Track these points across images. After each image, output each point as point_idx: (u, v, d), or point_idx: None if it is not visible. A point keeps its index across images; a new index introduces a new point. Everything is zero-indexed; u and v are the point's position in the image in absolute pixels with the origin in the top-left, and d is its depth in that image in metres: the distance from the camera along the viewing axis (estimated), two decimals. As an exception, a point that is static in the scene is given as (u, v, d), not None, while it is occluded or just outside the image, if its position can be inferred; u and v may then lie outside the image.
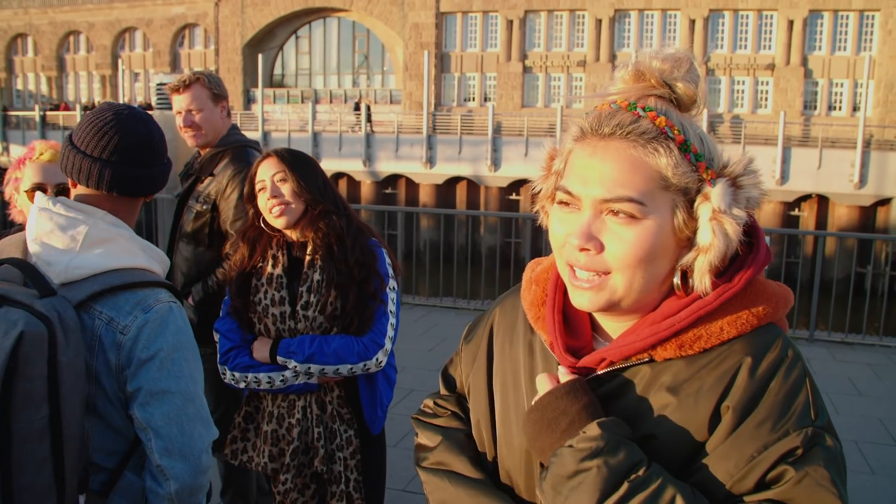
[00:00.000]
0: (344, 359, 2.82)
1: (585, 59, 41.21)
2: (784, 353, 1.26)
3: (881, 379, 7.45)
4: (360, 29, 46.67)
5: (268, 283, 2.91)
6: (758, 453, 1.19)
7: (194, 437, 1.84)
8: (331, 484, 2.93)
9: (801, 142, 32.01)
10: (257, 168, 2.93)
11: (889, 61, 36.48)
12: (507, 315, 1.57)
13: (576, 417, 1.25)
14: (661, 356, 1.28)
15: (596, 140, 1.25)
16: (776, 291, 1.32)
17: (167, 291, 1.96)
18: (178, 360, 1.87)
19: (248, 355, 2.90)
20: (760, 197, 1.27)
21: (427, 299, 10.18)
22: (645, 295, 1.28)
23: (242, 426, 3.03)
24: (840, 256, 22.13)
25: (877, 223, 29.32)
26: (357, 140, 34.44)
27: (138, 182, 2.01)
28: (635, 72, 1.29)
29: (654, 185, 1.22)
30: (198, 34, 50.06)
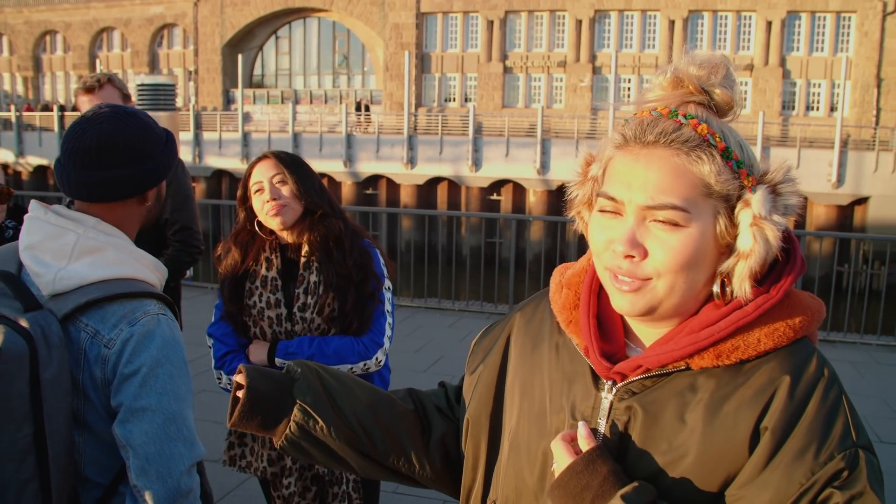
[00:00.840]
0: (345, 359, 2.83)
1: (566, 59, 41.29)
2: (821, 372, 1.26)
3: (863, 376, 7.51)
4: (340, 29, 46.55)
5: (262, 285, 2.88)
6: (806, 480, 1.19)
7: (173, 458, 1.74)
8: (332, 485, 2.92)
9: (779, 142, 32.31)
10: (252, 170, 2.91)
11: (865, 62, 36.82)
12: (530, 319, 1.57)
13: (598, 491, 1.25)
14: (697, 364, 1.28)
15: (639, 148, 1.25)
16: (810, 304, 1.32)
17: (157, 303, 1.87)
18: (161, 376, 1.77)
19: (245, 359, 2.87)
20: (798, 204, 1.27)
21: (412, 300, 10.17)
22: (684, 300, 1.28)
23: (238, 432, 2.99)
24: (820, 255, 22.33)
25: (854, 222, 29.60)
26: (338, 140, 34.36)
27: (109, 185, 1.90)
28: (674, 78, 1.29)
29: (697, 193, 1.22)
30: (177, 34, 49.74)
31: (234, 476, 4.79)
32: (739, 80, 1.23)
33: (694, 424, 1.25)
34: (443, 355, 7.66)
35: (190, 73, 48.96)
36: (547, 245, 19.70)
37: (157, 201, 2.07)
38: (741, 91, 1.31)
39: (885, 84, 36.70)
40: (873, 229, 27.94)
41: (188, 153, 35.02)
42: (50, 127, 38.17)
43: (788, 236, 1.29)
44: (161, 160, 1.99)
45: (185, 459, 1.75)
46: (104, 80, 3.75)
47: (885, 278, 12.05)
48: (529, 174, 31.75)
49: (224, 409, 2.97)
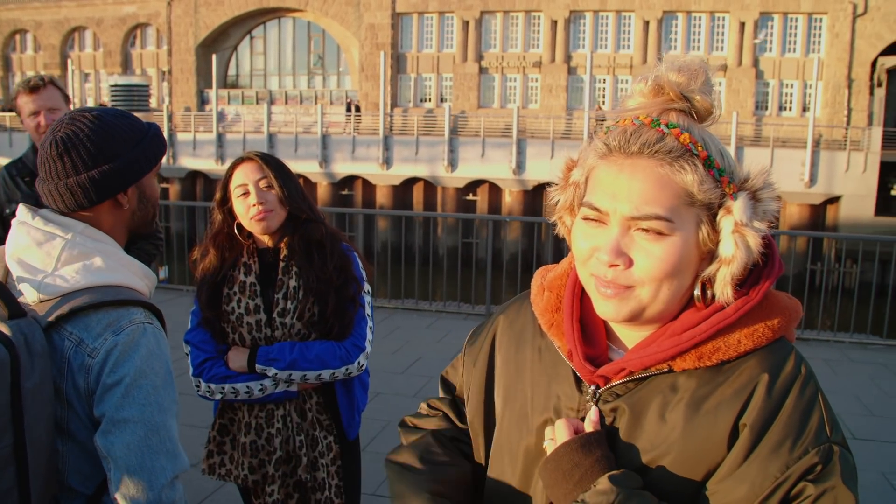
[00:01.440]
0: (327, 364, 2.80)
1: (541, 59, 41.41)
2: (798, 369, 1.30)
3: (836, 374, 7.58)
4: (315, 29, 46.40)
5: (240, 291, 2.84)
6: (781, 473, 1.22)
7: (155, 471, 1.70)
8: (314, 491, 2.90)
9: (753, 141, 32.62)
10: (233, 172, 2.85)
11: (836, 63, 37.21)
12: (513, 321, 1.59)
13: (588, 470, 1.29)
14: (679, 367, 1.30)
15: (623, 158, 1.26)
16: (788, 305, 1.35)
17: (144, 311, 1.83)
18: (144, 386, 1.73)
19: (224, 366, 2.82)
20: (777, 209, 1.30)
21: (389, 301, 10.15)
22: (668, 306, 1.30)
23: (218, 439, 2.94)
24: (793, 254, 22.52)
25: (826, 221, 29.92)
26: (313, 141, 34.25)
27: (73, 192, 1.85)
28: (655, 86, 1.30)
29: (680, 202, 1.24)
30: (150, 34, 49.34)
31: (213, 481, 4.75)
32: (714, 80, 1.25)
33: (675, 423, 1.28)
34: (420, 356, 7.64)
35: (163, 74, 48.60)
36: (523, 245, 19.73)
37: (142, 203, 2.00)
38: (720, 95, 1.32)
39: (855, 84, 37.11)
40: (845, 228, 28.28)
41: (162, 154, 34.71)
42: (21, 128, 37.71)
43: (767, 240, 1.31)
44: (130, 159, 1.92)
45: (167, 472, 1.72)
46: (47, 79, 3.73)
47: (857, 276, 12.17)
48: (505, 174, 31.81)
49: (201, 413, 2.95)
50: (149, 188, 2.01)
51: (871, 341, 8.89)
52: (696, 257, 1.28)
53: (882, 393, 7.04)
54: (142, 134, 1.96)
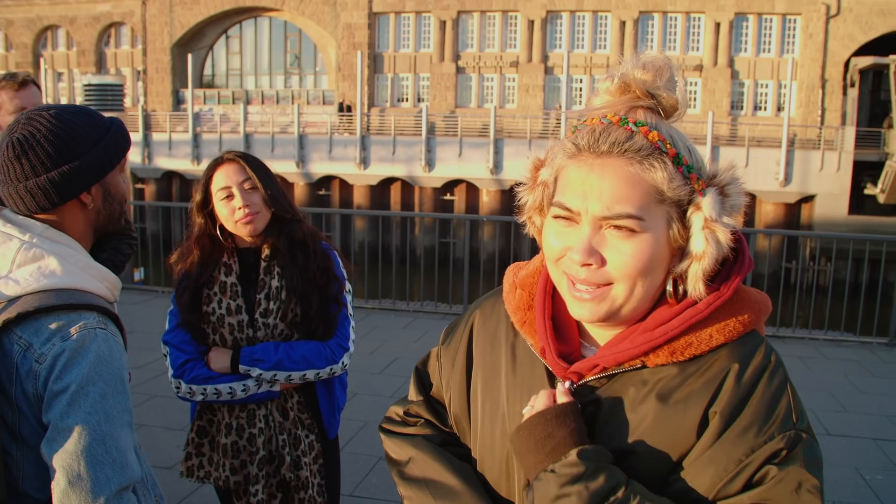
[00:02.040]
0: (312, 364, 2.80)
1: (518, 59, 41.47)
2: (767, 359, 1.32)
3: (811, 371, 7.65)
4: (291, 29, 46.20)
5: (221, 291, 2.81)
6: (745, 456, 1.24)
7: (99, 482, 1.62)
8: (298, 490, 2.88)
9: (728, 141, 32.88)
10: (214, 173, 2.80)
11: (810, 63, 37.54)
12: (488, 318, 1.59)
13: (561, 442, 1.29)
14: (653, 362, 1.32)
15: (592, 158, 1.27)
16: (758, 299, 1.37)
17: (98, 315, 1.76)
18: (91, 394, 1.66)
19: (206, 367, 2.79)
20: (743, 204, 1.31)
21: (366, 301, 10.13)
22: (641, 304, 1.31)
23: (196, 441, 2.91)
24: (769, 252, 22.72)
25: (801, 219, 30.22)
26: (290, 141, 34.13)
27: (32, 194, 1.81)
28: (621, 84, 1.30)
29: (650, 200, 1.25)
30: (124, 33, 48.88)
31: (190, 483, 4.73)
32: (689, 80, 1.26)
33: (646, 414, 1.30)
34: (398, 356, 7.63)
35: (138, 73, 48.21)
36: (500, 245, 19.76)
37: (108, 201, 1.96)
38: (685, 90, 1.33)
39: (829, 85, 37.48)
40: (820, 226, 28.56)
41: (137, 154, 34.52)
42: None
43: (736, 235, 1.33)
44: (91, 158, 1.87)
45: (111, 483, 1.64)
46: (28, 77, 3.68)
47: (830, 274, 12.28)
48: (483, 174, 31.86)
49: (177, 414, 2.93)
50: (114, 186, 1.96)
51: (845, 338, 8.98)
52: (667, 254, 1.29)
53: (855, 389, 7.11)
54: (103, 131, 1.91)
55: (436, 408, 1.65)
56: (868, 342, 8.82)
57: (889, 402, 6.76)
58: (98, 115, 1.94)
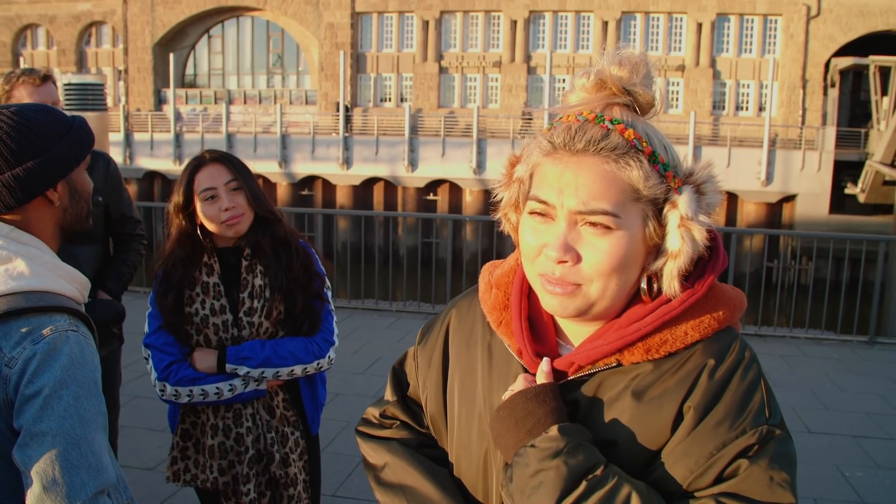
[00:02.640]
0: (300, 359, 2.80)
1: (501, 59, 41.52)
2: (742, 354, 1.32)
3: (792, 369, 7.69)
4: (274, 28, 46.05)
5: (203, 292, 2.79)
6: (717, 450, 1.25)
7: (74, 487, 1.58)
8: (287, 488, 2.88)
9: (710, 141, 33.05)
10: (197, 174, 2.77)
11: (792, 64, 37.80)
12: (464, 317, 1.58)
13: (541, 419, 1.29)
14: (628, 360, 1.32)
15: (568, 156, 1.26)
16: (733, 296, 1.37)
17: (68, 318, 1.72)
18: (64, 397, 1.62)
19: (191, 368, 2.76)
20: (719, 202, 1.31)
21: (348, 301, 10.10)
22: (616, 301, 1.31)
23: (181, 445, 2.88)
24: (750, 252, 22.85)
25: (783, 219, 30.44)
26: (272, 141, 34.03)
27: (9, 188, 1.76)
28: (597, 81, 1.30)
29: (626, 198, 1.25)
30: (105, 32, 48.55)
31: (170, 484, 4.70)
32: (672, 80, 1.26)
33: (622, 412, 1.30)
34: (380, 357, 7.62)
35: (120, 73, 47.88)
36: (483, 245, 19.74)
37: (74, 199, 1.92)
38: (662, 88, 1.34)
39: (810, 85, 37.75)
40: (801, 226, 28.78)
41: (119, 154, 34.31)
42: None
43: (711, 233, 1.32)
44: (56, 153, 1.83)
45: (87, 488, 1.61)
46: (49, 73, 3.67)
47: (811, 273, 12.37)
48: (465, 174, 31.88)
49: (158, 415, 2.91)
50: (80, 183, 1.92)
51: (826, 336, 9.03)
52: (642, 252, 1.29)
53: (836, 387, 7.16)
54: (66, 127, 1.88)
55: (412, 408, 1.64)
56: (849, 340, 8.87)
57: (869, 400, 6.81)
58: (60, 113, 1.90)
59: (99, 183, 3.67)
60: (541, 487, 1.25)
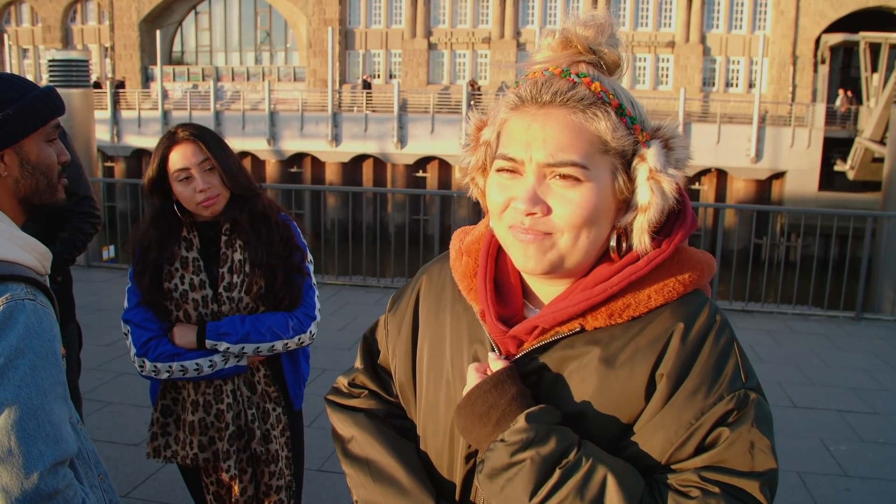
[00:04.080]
0: (279, 335, 2.78)
1: (490, 35, 41.29)
2: (713, 318, 1.31)
3: (779, 345, 7.73)
4: (262, 5, 45.64)
5: (182, 267, 2.76)
6: (696, 419, 1.24)
7: (31, 457, 1.55)
8: (268, 464, 2.88)
9: (700, 118, 32.98)
10: (169, 154, 2.72)
11: (782, 40, 37.71)
12: (434, 283, 1.57)
13: (506, 410, 1.28)
14: (591, 325, 1.30)
15: (535, 108, 1.26)
16: (701, 259, 1.36)
17: (25, 286, 1.68)
18: (20, 367, 1.59)
19: (170, 343, 2.74)
20: (687, 159, 1.30)
21: (336, 278, 10.08)
22: (587, 256, 1.29)
23: (161, 421, 2.88)
24: (739, 228, 22.89)
25: (772, 196, 30.49)
26: (261, 118, 33.84)
27: None
28: (563, 39, 1.30)
29: (594, 149, 1.24)
30: (91, 9, 48.01)
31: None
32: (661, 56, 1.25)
33: (590, 379, 1.29)
34: (369, 333, 7.62)
35: (106, 50, 47.47)
36: (472, 221, 19.69)
37: (25, 170, 1.88)
38: (626, 48, 1.34)
39: (800, 61, 37.70)
40: (790, 202, 28.85)
41: (106, 132, 34.08)
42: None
43: (680, 194, 1.32)
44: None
45: (45, 458, 1.58)
46: None
47: (799, 250, 12.40)
48: (455, 150, 31.77)
49: (144, 392, 2.90)
50: (34, 154, 1.88)
51: (813, 312, 9.09)
52: (612, 206, 1.28)
53: (822, 362, 7.20)
54: (17, 94, 1.83)
55: (381, 377, 1.64)
56: (835, 316, 8.93)
57: (854, 375, 6.85)
58: (17, 80, 1.86)
59: None
60: (515, 480, 1.24)
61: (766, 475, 1.24)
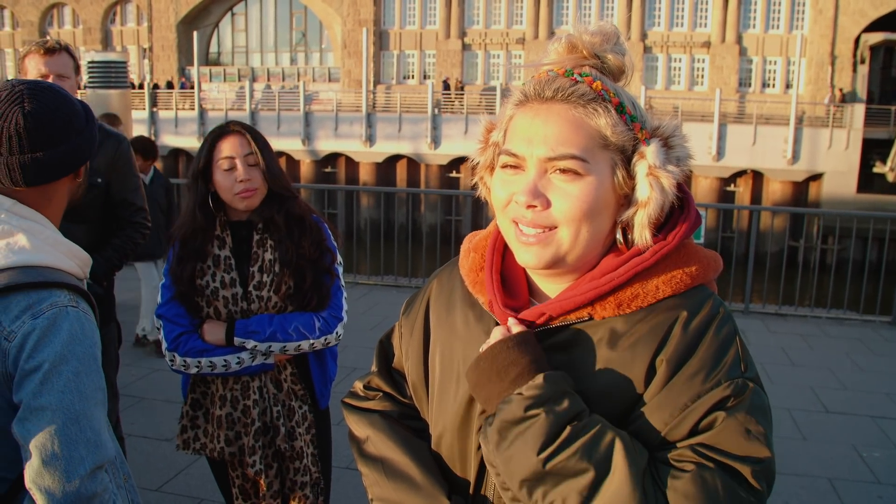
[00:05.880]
0: (306, 335, 2.81)
1: (524, 36, 41.21)
2: (716, 310, 1.33)
3: (813, 349, 7.65)
4: (297, 6, 45.97)
5: (214, 264, 2.81)
6: (691, 402, 1.26)
7: (73, 462, 1.60)
8: (293, 461, 2.92)
9: (736, 119, 32.62)
10: (218, 143, 2.80)
11: (820, 40, 37.22)
12: (444, 285, 1.61)
13: (526, 368, 1.30)
14: (599, 315, 1.34)
15: (538, 104, 1.32)
16: (706, 255, 1.39)
17: (68, 293, 1.74)
18: (64, 373, 1.64)
19: (200, 339, 2.80)
20: (688, 157, 1.34)
21: (368, 277, 10.14)
22: (588, 251, 1.33)
23: (191, 414, 2.94)
24: (774, 231, 22.63)
25: (809, 198, 30.09)
26: (296, 119, 34.07)
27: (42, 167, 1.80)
28: (568, 44, 1.36)
29: (594, 144, 1.29)
30: (130, 11, 48.72)
31: (188, 455, 4.77)
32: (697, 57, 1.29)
33: (594, 363, 1.32)
34: (399, 333, 7.65)
35: (144, 51, 48.10)
36: (506, 222, 19.64)
37: (85, 177, 1.99)
38: (632, 60, 1.39)
39: (838, 61, 37.17)
40: (827, 205, 28.40)
41: (143, 131, 34.51)
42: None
43: (682, 189, 1.36)
44: (87, 135, 1.91)
45: (86, 463, 1.63)
46: (63, 45, 3.61)
47: (835, 253, 12.25)
48: (489, 152, 31.74)
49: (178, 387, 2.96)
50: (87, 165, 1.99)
51: (848, 317, 8.98)
52: (612, 201, 1.32)
53: (856, 367, 7.11)
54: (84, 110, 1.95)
55: (396, 379, 1.68)
56: (871, 321, 8.81)
57: (889, 381, 6.76)
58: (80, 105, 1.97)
59: (103, 164, 3.67)
60: (526, 433, 1.26)
61: (761, 462, 1.25)
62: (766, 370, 6.76)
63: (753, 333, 8.07)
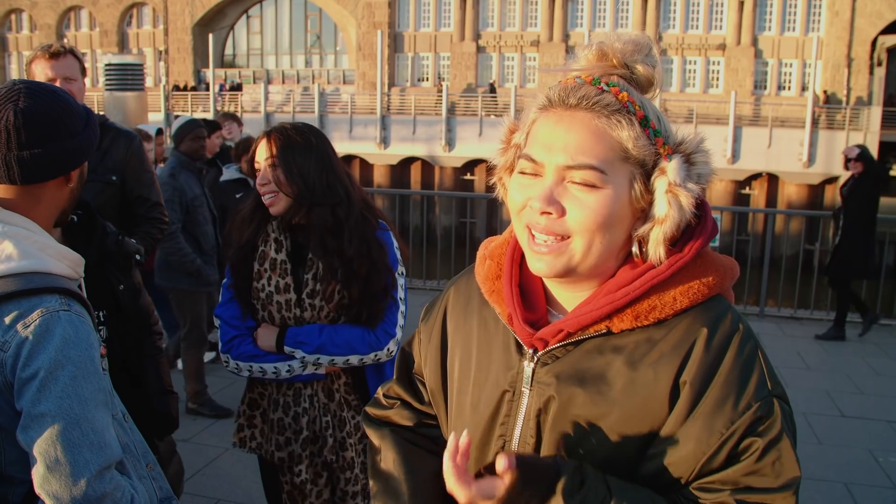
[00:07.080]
0: (355, 349, 2.74)
1: (539, 38, 41.19)
2: (735, 326, 1.31)
3: (828, 353, 7.61)
4: (312, 8, 46.14)
5: (271, 268, 2.75)
6: (727, 429, 1.25)
7: (78, 466, 1.61)
8: (343, 471, 2.87)
9: (751, 121, 32.47)
10: (256, 147, 2.78)
11: (836, 42, 37.02)
12: (462, 292, 1.61)
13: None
14: (617, 327, 1.32)
15: (562, 110, 1.30)
16: (723, 263, 1.37)
17: (59, 297, 1.72)
18: (61, 378, 1.63)
19: (252, 343, 2.77)
20: (710, 174, 1.32)
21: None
22: (601, 262, 1.32)
23: (248, 413, 2.92)
24: (789, 234, 22.52)
25: (825, 201, 29.89)
26: (310, 121, 34.11)
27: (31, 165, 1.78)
28: (599, 51, 1.34)
29: (614, 156, 1.26)
30: (146, 13, 49.03)
31: (203, 454, 4.80)
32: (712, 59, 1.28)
33: (615, 381, 1.31)
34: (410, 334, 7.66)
35: (160, 53, 48.38)
36: (520, 225, 19.59)
37: (80, 182, 1.97)
38: (662, 72, 1.36)
39: (855, 64, 36.96)
40: (843, 208, 28.16)
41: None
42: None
43: (701, 202, 1.33)
44: (85, 138, 1.89)
45: (91, 465, 1.63)
46: (68, 48, 3.64)
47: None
48: (503, 154, 31.73)
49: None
50: (85, 168, 1.98)
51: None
52: (628, 214, 1.30)
53: (872, 371, 7.08)
54: (87, 114, 1.95)
55: (415, 386, 1.69)
56: (887, 325, 8.76)
57: (906, 384, 6.72)
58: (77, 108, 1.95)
59: (117, 162, 3.69)
60: None
61: (793, 485, 1.26)
62: (782, 374, 6.72)
63: (768, 337, 8.04)
